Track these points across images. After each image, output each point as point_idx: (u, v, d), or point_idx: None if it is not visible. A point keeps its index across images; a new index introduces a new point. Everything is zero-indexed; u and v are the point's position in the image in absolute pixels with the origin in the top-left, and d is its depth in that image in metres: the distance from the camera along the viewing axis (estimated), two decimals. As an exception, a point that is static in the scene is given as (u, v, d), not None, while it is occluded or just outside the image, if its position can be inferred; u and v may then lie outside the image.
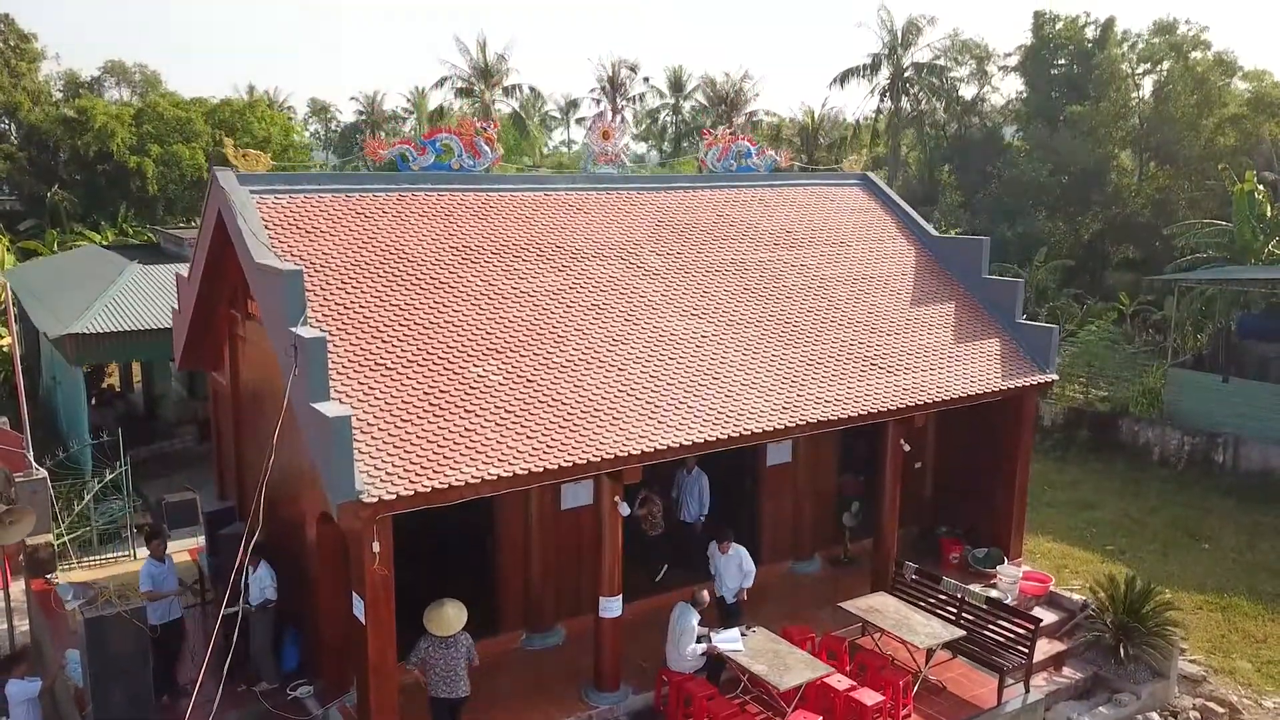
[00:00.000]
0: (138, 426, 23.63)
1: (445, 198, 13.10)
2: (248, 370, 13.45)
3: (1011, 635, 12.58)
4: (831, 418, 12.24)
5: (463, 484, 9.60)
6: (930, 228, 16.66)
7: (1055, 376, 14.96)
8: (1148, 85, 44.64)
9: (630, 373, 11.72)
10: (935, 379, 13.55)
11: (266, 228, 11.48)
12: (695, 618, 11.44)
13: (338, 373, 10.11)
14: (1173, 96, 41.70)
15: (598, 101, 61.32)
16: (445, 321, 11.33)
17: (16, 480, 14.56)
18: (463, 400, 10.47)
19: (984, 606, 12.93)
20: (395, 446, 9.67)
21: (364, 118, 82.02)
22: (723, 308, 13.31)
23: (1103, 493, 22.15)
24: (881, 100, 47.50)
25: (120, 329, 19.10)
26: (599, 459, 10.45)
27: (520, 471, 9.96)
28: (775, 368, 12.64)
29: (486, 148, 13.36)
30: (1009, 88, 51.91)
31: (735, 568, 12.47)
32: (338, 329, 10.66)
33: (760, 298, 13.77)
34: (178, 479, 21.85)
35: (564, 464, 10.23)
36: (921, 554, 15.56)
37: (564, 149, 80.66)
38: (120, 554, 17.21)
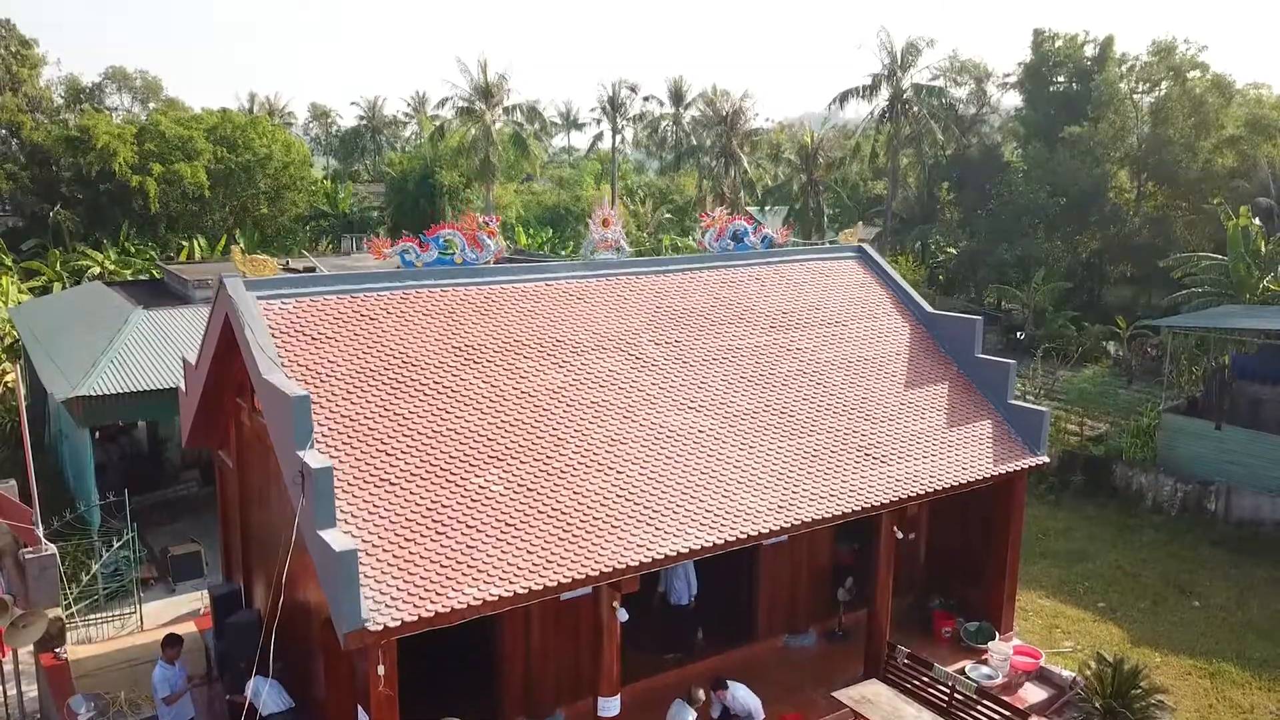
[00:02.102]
0: (141, 467, 23.87)
1: (448, 294, 13.29)
2: (253, 453, 13.67)
3: (1000, 724, 12.88)
4: (826, 515, 12.50)
5: (465, 606, 9.86)
6: (924, 303, 16.87)
7: (1046, 459, 15.24)
8: (1146, 105, 44.77)
9: (628, 475, 11.97)
10: (928, 467, 13.81)
11: (273, 334, 11.72)
12: (691, 715, 11.75)
13: (342, 491, 10.34)
14: (1170, 118, 41.86)
15: (598, 121, 61.90)
16: (448, 429, 11.56)
17: (26, 557, 14.82)
18: (464, 514, 10.71)
19: (973, 695, 13.21)
20: (399, 569, 9.93)
21: (364, 122, 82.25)
22: (719, 399, 13.55)
23: (1096, 541, 22.45)
24: (881, 120, 47.64)
25: (128, 389, 19.24)
26: (598, 572, 10.71)
27: (520, 590, 10.21)
28: (771, 462, 12.89)
29: (488, 241, 13.60)
30: (1009, 103, 51.97)
31: (739, 705, 12.60)
32: (342, 443, 10.90)
33: (756, 386, 14.00)
34: (181, 526, 22.10)
35: (563, 580, 10.48)
36: (914, 626, 15.87)
37: (565, 155, 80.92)
38: (126, 610, 17.55)
